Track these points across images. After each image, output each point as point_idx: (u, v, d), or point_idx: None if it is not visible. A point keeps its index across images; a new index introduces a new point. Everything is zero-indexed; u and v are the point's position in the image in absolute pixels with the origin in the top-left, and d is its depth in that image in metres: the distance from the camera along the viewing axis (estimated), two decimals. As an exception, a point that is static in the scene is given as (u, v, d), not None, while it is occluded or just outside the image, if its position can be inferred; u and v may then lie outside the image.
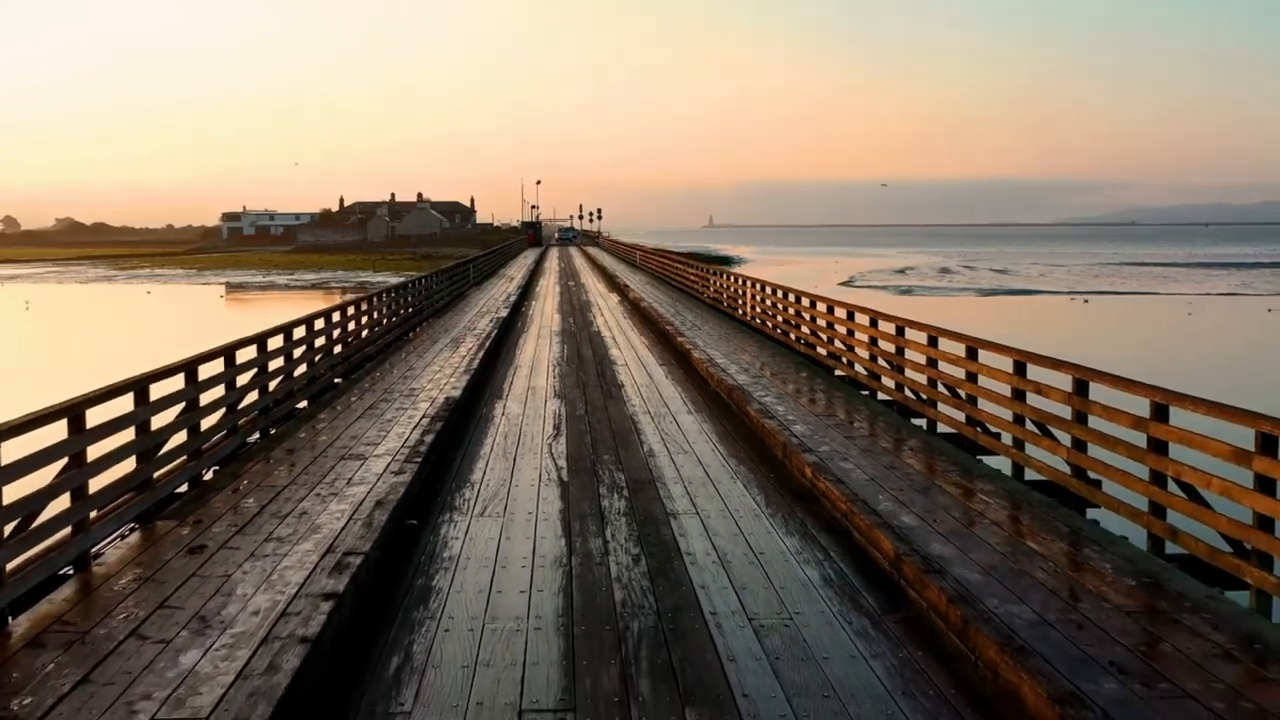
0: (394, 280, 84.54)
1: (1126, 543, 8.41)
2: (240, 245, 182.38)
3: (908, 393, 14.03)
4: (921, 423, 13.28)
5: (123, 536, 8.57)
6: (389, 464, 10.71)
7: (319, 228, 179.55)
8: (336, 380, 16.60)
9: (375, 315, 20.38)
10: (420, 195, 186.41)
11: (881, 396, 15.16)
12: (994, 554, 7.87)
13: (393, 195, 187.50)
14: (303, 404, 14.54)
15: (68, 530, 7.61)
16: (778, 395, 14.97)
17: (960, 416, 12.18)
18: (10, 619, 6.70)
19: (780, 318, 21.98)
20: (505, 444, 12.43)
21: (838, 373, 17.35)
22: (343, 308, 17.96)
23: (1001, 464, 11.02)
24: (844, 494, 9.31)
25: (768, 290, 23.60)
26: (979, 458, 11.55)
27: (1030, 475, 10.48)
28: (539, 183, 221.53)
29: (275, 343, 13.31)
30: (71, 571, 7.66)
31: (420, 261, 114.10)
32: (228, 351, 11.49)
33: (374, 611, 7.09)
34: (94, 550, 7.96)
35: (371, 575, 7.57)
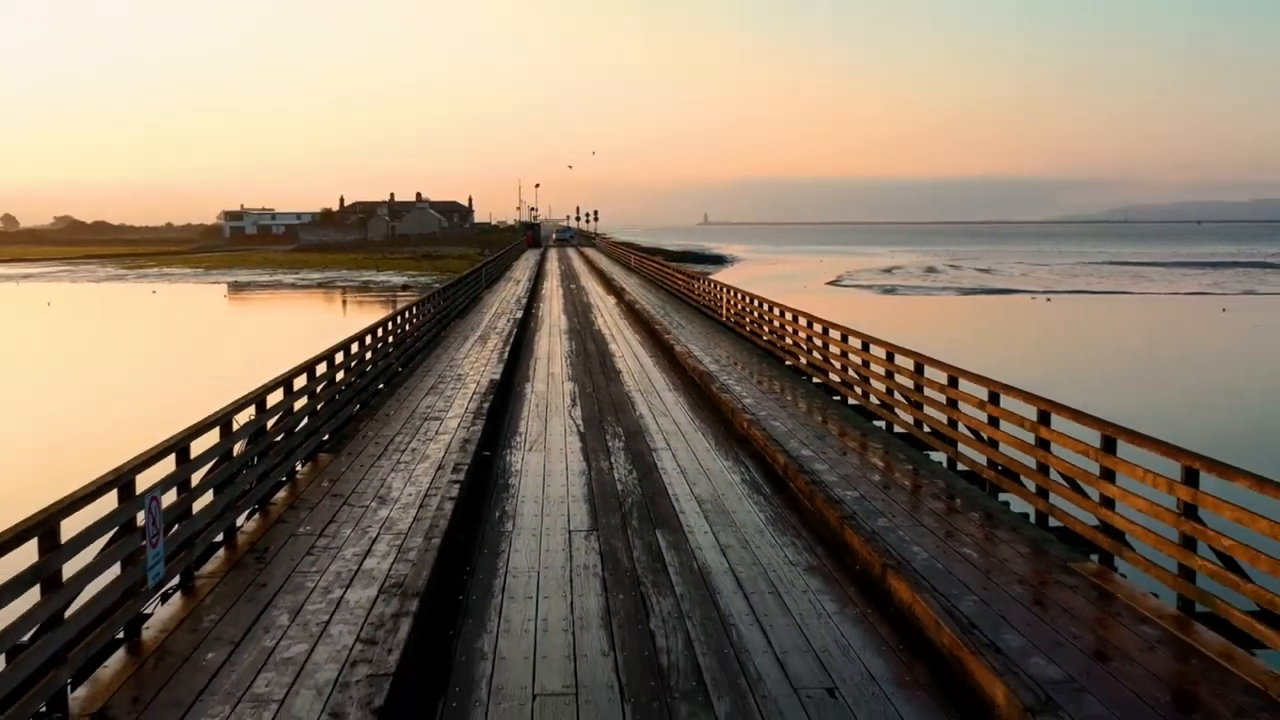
0: (398, 279, 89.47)
1: (939, 465, 13.40)
2: (242, 244, 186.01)
3: (831, 377, 19.03)
4: (838, 398, 18.28)
5: (303, 462, 13.49)
6: (460, 421, 15.69)
7: (320, 227, 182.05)
8: (399, 369, 21.53)
9: (421, 318, 25.34)
10: (419, 195, 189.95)
11: (815, 380, 20.14)
12: (851, 469, 12.84)
13: (392, 195, 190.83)
14: (380, 386, 19.47)
15: (280, 457, 12.54)
16: (737, 379, 19.95)
17: (860, 392, 17.19)
18: (269, 502, 11.63)
19: (749, 319, 26.95)
20: (538, 410, 17.48)
21: (787, 363, 22.33)
22: (401, 313, 22.88)
23: (883, 424, 16.01)
24: (764, 435, 14.34)
25: (740, 296, 28.60)
26: (874, 421, 16.52)
27: (898, 429, 15.46)
28: (538, 186, 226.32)
29: (367, 340, 18.27)
30: (285, 479, 12.57)
31: (421, 261, 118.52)
32: (345, 345, 16.42)
33: (477, 495, 12.07)
34: (295, 469, 12.90)
35: (471, 477, 12.54)
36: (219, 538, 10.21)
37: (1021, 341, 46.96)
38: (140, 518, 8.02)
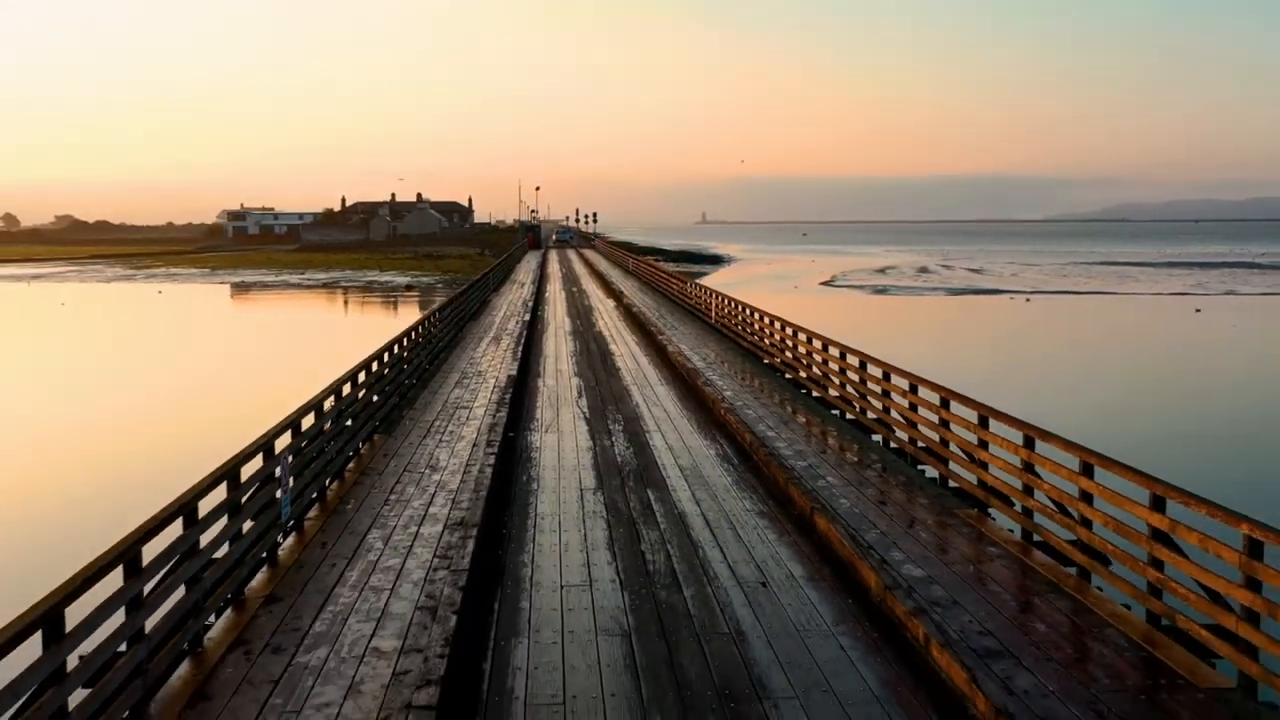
0: (401, 280, 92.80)
1: (877, 443, 16.61)
2: (245, 244, 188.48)
3: (800, 374, 22.25)
4: (805, 391, 21.50)
5: (362, 442, 16.66)
6: (486, 409, 18.90)
7: (322, 227, 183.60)
8: (427, 366, 24.71)
9: (442, 323, 28.55)
10: (420, 195, 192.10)
11: (788, 376, 23.35)
12: (804, 446, 16.04)
13: (393, 195, 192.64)
14: (414, 381, 22.65)
15: (349, 436, 15.73)
16: (720, 375, 23.16)
17: (823, 386, 20.41)
18: (344, 470, 14.81)
19: (735, 322, 30.16)
20: (550, 400, 20.72)
21: (765, 361, 25.54)
22: (428, 317, 26.09)
23: (838, 412, 19.21)
24: (736, 420, 17.58)
25: (726, 301, 31.83)
26: (832, 410, 19.72)
27: (849, 417, 18.68)
28: (538, 189, 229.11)
29: (404, 342, 21.46)
30: (352, 454, 15.75)
31: (423, 261, 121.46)
32: (389, 346, 19.61)
33: (507, 465, 15.29)
34: (359, 447, 16.10)
35: (501, 452, 15.76)
36: (314, 495, 13.42)
37: (984, 341, 50.26)
38: (276, 472, 11.23)
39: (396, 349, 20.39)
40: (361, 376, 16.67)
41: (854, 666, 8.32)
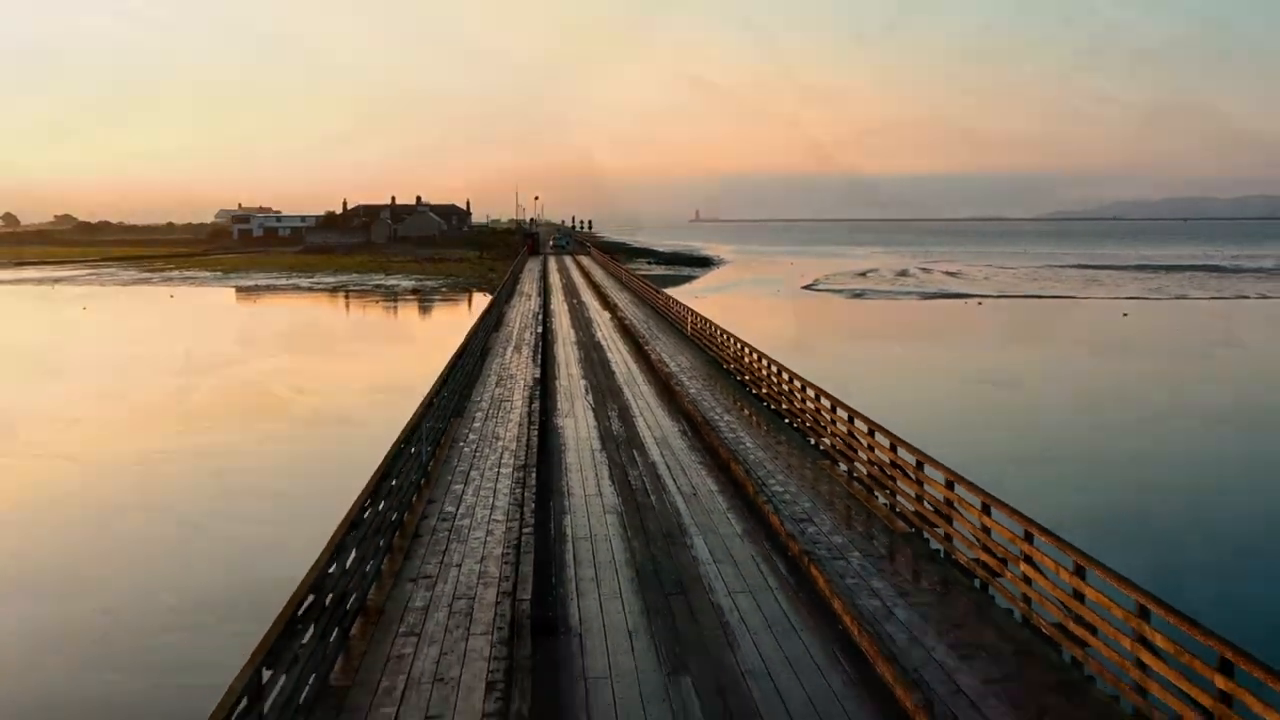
0: (407, 283, 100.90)
1: (788, 425, 25.06)
2: (250, 246, 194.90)
3: (746, 376, 30.72)
4: (749, 390, 29.96)
5: (445, 421, 25.03)
6: (523, 401, 27.36)
7: (325, 230, 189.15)
8: (472, 371, 33.10)
9: (480, 334, 37.01)
10: (419, 199, 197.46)
11: (738, 379, 31.78)
12: (738, 424, 24.48)
13: (393, 198, 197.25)
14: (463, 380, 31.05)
15: (443, 417, 24.13)
16: (689, 377, 31.64)
17: (761, 386, 28.88)
18: (440, 440, 23.21)
19: (704, 334, 38.61)
20: (566, 395, 29.26)
21: (725, 367, 33.98)
22: (474, 332, 34.50)
23: (768, 404, 27.65)
24: (694, 409, 26.10)
25: (698, 317, 40.33)
26: (764, 404, 28.13)
27: (773, 407, 27.11)
28: (537, 198, 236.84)
29: (464, 352, 29.87)
30: (442, 429, 24.13)
31: (425, 264, 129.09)
32: (456, 358, 27.99)
33: (543, 435, 23.74)
34: (445, 424, 24.51)
35: (539, 427, 24.20)
36: (430, 452, 21.81)
37: (902, 341, 59.02)
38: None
39: (461, 359, 28.85)
40: (447, 379, 25.12)
41: (731, 523, 16.86)
